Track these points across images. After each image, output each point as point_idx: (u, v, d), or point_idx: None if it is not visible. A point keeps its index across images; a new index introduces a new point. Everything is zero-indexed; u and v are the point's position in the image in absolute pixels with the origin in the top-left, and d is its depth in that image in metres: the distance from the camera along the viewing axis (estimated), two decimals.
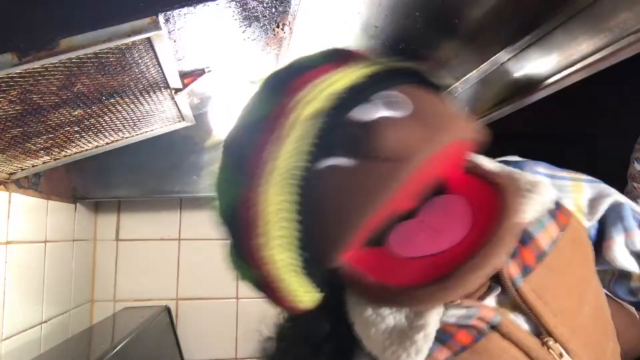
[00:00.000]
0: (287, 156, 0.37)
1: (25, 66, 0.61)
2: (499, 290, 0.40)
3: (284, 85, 0.40)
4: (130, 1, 0.65)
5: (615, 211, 0.48)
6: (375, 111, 0.38)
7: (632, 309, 0.53)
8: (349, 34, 0.79)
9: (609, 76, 0.68)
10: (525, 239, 0.41)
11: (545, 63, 0.70)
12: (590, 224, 0.49)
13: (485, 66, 0.81)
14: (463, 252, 0.36)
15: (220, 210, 0.43)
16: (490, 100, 0.84)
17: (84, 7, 0.63)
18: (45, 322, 1.24)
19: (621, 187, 0.56)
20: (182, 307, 1.66)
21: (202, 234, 1.70)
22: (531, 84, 0.75)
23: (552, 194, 0.42)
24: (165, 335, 1.50)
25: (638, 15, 0.53)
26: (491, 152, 0.45)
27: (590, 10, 0.59)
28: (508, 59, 0.76)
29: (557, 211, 0.44)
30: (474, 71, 0.83)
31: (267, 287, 0.41)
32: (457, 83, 0.89)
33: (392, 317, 0.39)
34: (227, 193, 0.42)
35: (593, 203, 0.49)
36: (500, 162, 0.49)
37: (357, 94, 0.38)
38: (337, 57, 0.43)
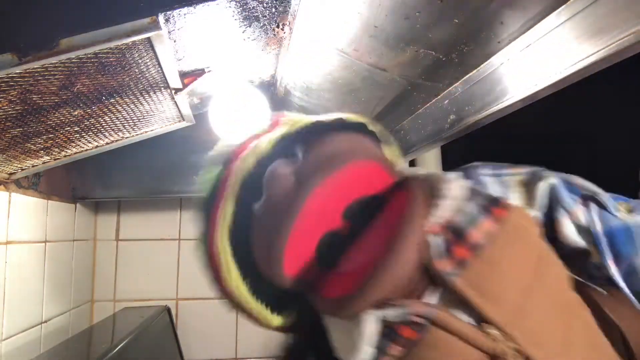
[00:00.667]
0: (229, 204, 0.49)
1: (25, 66, 0.61)
2: (435, 287, 0.43)
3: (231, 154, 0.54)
4: (130, 1, 0.65)
5: (553, 196, 0.49)
6: (281, 163, 0.49)
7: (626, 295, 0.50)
8: (349, 34, 0.79)
9: (609, 76, 0.68)
10: (459, 234, 0.43)
11: (545, 63, 0.70)
12: (537, 213, 0.50)
13: (485, 66, 0.81)
14: (374, 262, 0.42)
15: (200, 250, 0.56)
16: (489, 100, 0.84)
17: (84, 7, 0.63)
18: (45, 322, 1.24)
19: (621, 187, 0.56)
20: (182, 307, 1.66)
21: None
22: (530, 84, 0.75)
23: (463, 192, 0.45)
24: (165, 335, 1.50)
25: (638, 15, 0.53)
26: (491, 152, 0.45)
27: (590, 10, 0.59)
28: (508, 59, 0.76)
29: (494, 207, 0.45)
30: (474, 71, 0.83)
31: (243, 311, 0.51)
32: (457, 83, 0.89)
33: (340, 324, 0.45)
34: (201, 239, 0.55)
35: (528, 189, 0.50)
36: (459, 170, 0.54)
37: (274, 151, 0.50)
38: (270, 123, 0.57)
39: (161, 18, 0.67)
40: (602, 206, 0.48)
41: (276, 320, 0.51)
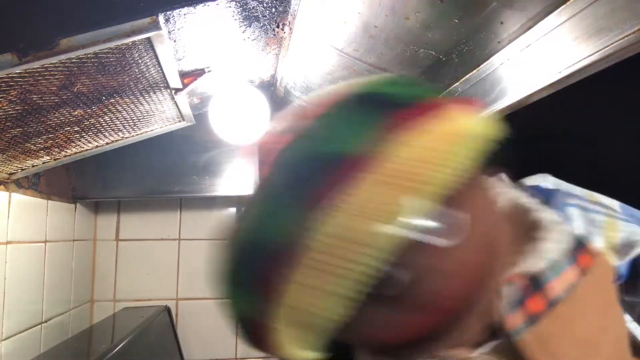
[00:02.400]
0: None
1: (25, 66, 0.61)
2: (498, 340, 0.40)
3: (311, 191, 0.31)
4: (130, 1, 0.65)
5: None
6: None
7: None
8: (349, 34, 0.79)
9: (609, 76, 0.68)
10: (537, 285, 0.40)
11: (545, 63, 0.70)
12: (620, 263, 0.46)
13: (485, 66, 0.81)
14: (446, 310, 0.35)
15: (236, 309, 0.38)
16: (489, 100, 0.84)
17: (84, 7, 0.63)
18: (45, 322, 1.24)
19: (621, 187, 0.55)
20: (182, 307, 1.66)
21: (202, 234, 1.70)
22: (530, 83, 0.75)
23: (570, 239, 0.40)
24: (165, 335, 1.50)
25: (638, 15, 0.53)
26: (491, 152, 0.44)
27: (589, 10, 0.59)
28: (508, 59, 0.76)
29: (580, 252, 0.42)
30: (475, 71, 0.83)
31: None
32: (457, 83, 0.89)
33: None
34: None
35: (624, 246, 0.46)
36: (530, 187, 0.47)
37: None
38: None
39: (161, 18, 0.67)
40: None
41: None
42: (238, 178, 1.55)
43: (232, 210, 1.73)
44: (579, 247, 0.42)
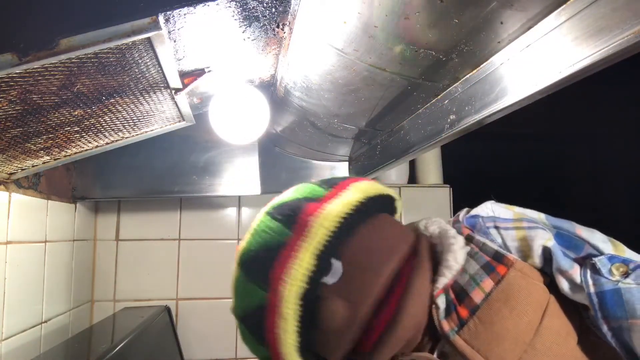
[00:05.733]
0: (298, 277, 0.52)
1: (25, 66, 0.61)
2: (441, 343, 0.52)
3: (294, 219, 0.55)
4: (130, 1, 0.65)
5: (549, 254, 0.53)
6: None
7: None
8: (349, 33, 0.79)
9: (609, 76, 0.68)
10: (462, 296, 0.51)
11: (545, 63, 0.70)
12: (540, 265, 0.54)
13: (485, 66, 0.81)
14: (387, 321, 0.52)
15: (241, 309, 0.61)
16: (489, 100, 0.84)
17: (84, 7, 0.63)
18: (45, 322, 1.24)
19: (621, 186, 0.56)
20: (182, 307, 1.66)
21: (202, 234, 1.70)
22: (530, 83, 0.75)
23: (461, 259, 0.54)
24: (165, 335, 1.50)
25: (638, 15, 0.53)
26: (492, 152, 0.44)
27: (589, 10, 0.59)
28: (508, 59, 0.76)
29: (496, 263, 0.53)
30: (475, 71, 0.83)
31: None
32: (457, 83, 0.89)
33: None
34: (248, 298, 0.57)
35: (529, 247, 0.55)
36: (469, 217, 0.61)
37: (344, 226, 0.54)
38: (331, 186, 0.60)
39: (161, 18, 0.67)
40: (596, 270, 0.50)
41: None
42: (238, 178, 1.55)
43: (232, 210, 1.73)
44: (497, 260, 0.53)
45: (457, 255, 0.54)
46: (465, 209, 0.63)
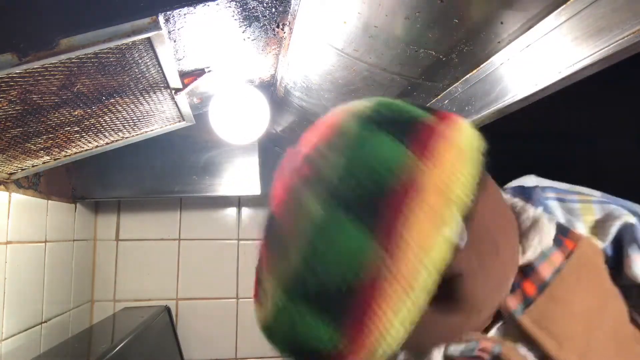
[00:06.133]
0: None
1: (25, 66, 0.61)
2: (500, 322, 0.45)
3: (376, 215, 0.34)
4: (130, 1, 0.65)
5: (628, 232, 0.49)
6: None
7: None
8: (349, 34, 0.79)
9: (609, 76, 0.68)
10: (528, 270, 0.45)
11: (545, 63, 0.70)
12: (604, 245, 0.49)
13: (485, 66, 0.81)
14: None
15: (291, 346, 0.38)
16: (489, 100, 0.84)
17: (84, 7, 0.63)
18: (45, 322, 1.24)
19: (621, 187, 0.56)
20: (182, 307, 1.66)
21: (202, 234, 1.70)
22: (530, 83, 0.75)
23: (552, 230, 0.46)
24: (165, 335, 1.50)
25: (638, 15, 0.53)
26: (491, 152, 0.45)
27: (589, 10, 0.59)
28: (508, 59, 0.76)
29: (564, 237, 0.47)
30: (475, 71, 0.83)
31: None
32: (457, 83, 0.89)
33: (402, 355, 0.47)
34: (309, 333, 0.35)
35: (602, 225, 0.50)
36: (513, 188, 0.54)
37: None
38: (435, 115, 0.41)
39: (161, 18, 0.68)
40: None
41: None
42: (238, 178, 1.55)
43: (232, 210, 1.73)
44: (563, 233, 0.48)
45: (543, 238, 0.46)
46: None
